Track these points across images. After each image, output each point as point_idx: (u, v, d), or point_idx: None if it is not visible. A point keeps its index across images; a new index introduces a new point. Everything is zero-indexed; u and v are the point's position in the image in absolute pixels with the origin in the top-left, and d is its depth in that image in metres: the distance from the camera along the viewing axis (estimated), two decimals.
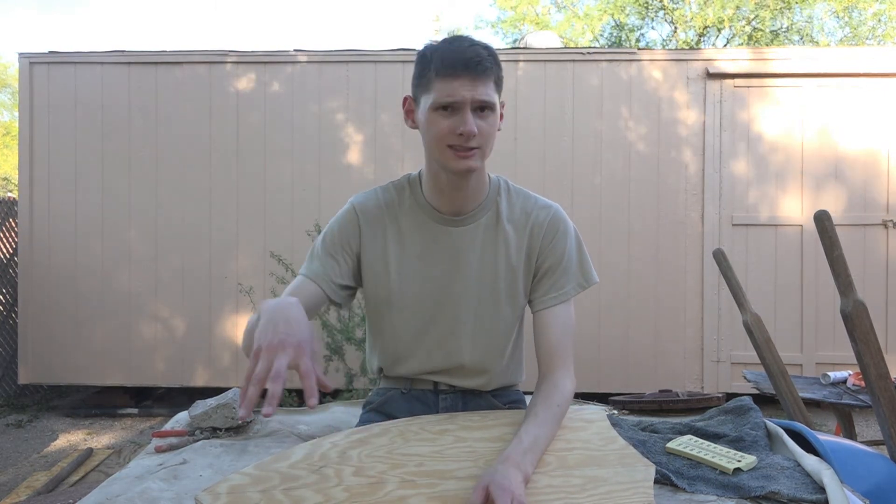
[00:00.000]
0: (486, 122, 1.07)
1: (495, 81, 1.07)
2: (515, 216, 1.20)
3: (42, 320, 4.15)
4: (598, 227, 4.06)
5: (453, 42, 1.08)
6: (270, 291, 3.81)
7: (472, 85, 1.04)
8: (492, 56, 1.06)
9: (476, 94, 1.04)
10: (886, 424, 1.52)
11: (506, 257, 1.19)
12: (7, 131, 16.29)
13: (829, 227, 1.53)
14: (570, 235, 1.21)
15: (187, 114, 4.15)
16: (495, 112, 1.08)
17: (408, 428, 1.06)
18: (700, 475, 1.07)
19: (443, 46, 1.07)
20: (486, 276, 1.19)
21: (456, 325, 1.20)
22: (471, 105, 1.05)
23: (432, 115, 1.07)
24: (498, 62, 1.08)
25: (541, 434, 1.02)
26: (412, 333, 1.21)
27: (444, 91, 1.04)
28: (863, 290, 3.89)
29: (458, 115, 1.05)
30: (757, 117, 4.06)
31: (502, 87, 1.11)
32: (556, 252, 1.19)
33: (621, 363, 4.06)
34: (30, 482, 3.01)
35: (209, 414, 1.41)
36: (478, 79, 1.04)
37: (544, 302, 1.18)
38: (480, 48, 1.06)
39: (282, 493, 0.91)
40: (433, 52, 1.07)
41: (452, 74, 1.04)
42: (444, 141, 1.07)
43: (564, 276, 1.19)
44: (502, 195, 1.22)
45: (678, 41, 12.07)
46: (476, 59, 1.04)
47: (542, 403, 1.07)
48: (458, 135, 1.05)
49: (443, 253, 1.19)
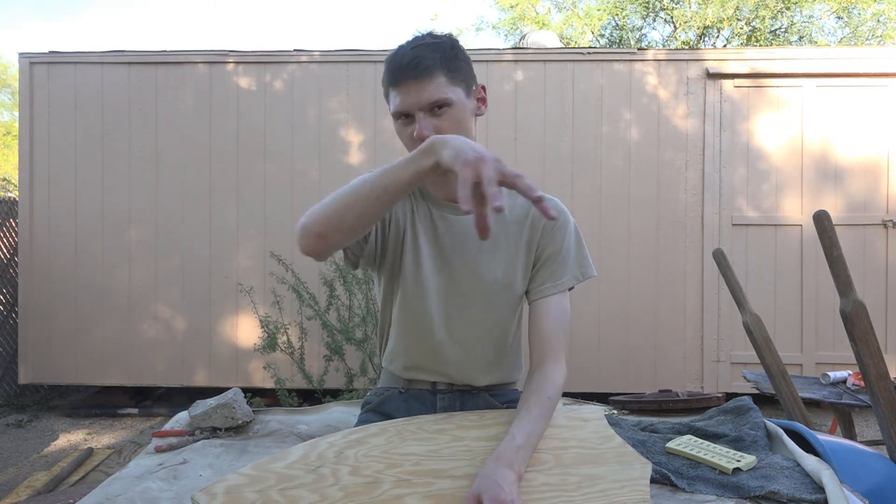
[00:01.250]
0: (444, 119, 1.07)
1: (446, 75, 1.06)
2: (516, 209, 1.20)
3: (42, 320, 4.15)
4: (598, 226, 4.06)
5: (399, 49, 1.08)
6: (270, 291, 3.81)
7: (417, 89, 1.04)
8: (437, 51, 1.05)
9: (421, 97, 1.04)
10: (886, 424, 1.52)
11: (506, 250, 1.19)
12: (7, 131, 16.29)
13: (829, 227, 1.53)
14: (569, 227, 1.21)
15: (187, 114, 4.15)
16: (453, 105, 1.07)
17: (405, 427, 1.07)
18: (700, 475, 1.07)
19: (391, 56, 1.08)
20: (485, 267, 1.19)
21: (458, 314, 1.20)
22: (421, 109, 1.05)
23: (396, 125, 1.11)
24: (450, 53, 1.07)
25: (534, 430, 1.02)
26: (420, 316, 1.20)
27: (396, 101, 1.07)
28: (863, 290, 3.90)
29: (415, 121, 1.06)
30: (757, 117, 4.06)
31: (464, 73, 1.10)
32: (554, 242, 1.19)
33: (621, 363, 4.06)
34: (30, 482, 3.01)
35: (209, 414, 1.41)
36: (422, 80, 1.04)
37: (541, 291, 1.18)
38: (422, 48, 1.05)
39: (278, 493, 0.91)
40: (385, 63, 1.09)
41: (396, 83, 1.06)
42: (412, 148, 1.08)
43: (562, 267, 1.19)
44: (503, 189, 1.22)
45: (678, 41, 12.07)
46: (413, 62, 1.04)
47: (534, 397, 1.06)
48: (417, 139, 1.05)
49: (446, 239, 1.19)
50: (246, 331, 4.08)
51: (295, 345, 3.54)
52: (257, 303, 3.94)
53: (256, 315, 3.69)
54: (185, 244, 4.14)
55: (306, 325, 3.72)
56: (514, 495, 0.88)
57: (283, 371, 3.67)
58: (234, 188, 4.14)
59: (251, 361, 4.07)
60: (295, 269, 3.65)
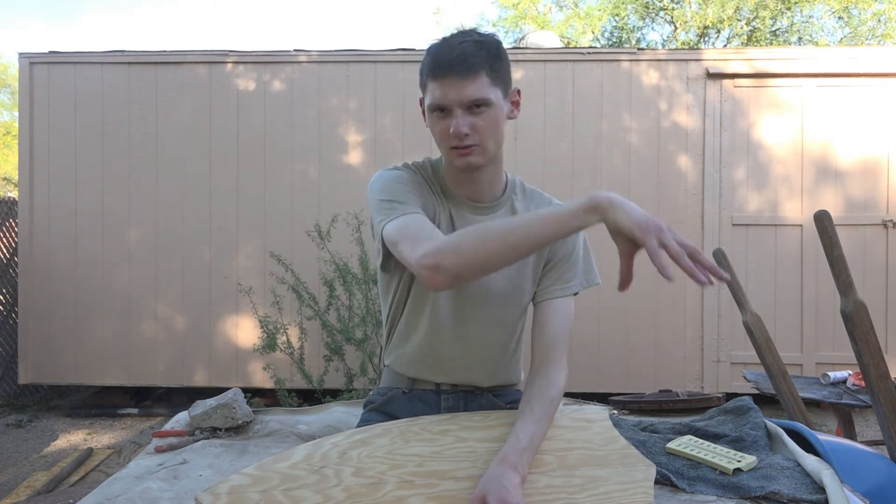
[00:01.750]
0: (481, 119, 1.06)
1: (489, 75, 1.06)
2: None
3: (42, 320, 4.15)
4: (598, 226, 4.05)
5: (444, 42, 1.08)
6: (270, 291, 3.81)
7: (459, 85, 1.04)
8: (484, 49, 1.05)
9: (464, 94, 1.04)
10: (886, 424, 1.52)
11: None
12: (7, 131, 16.28)
13: (829, 227, 1.53)
14: (579, 234, 1.21)
15: (187, 114, 4.15)
16: (492, 106, 1.07)
17: (409, 428, 1.06)
18: (700, 475, 1.07)
19: (435, 47, 1.08)
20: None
21: (467, 315, 1.20)
22: (461, 105, 1.05)
23: (430, 117, 1.10)
24: (494, 54, 1.07)
25: (537, 431, 1.02)
26: (438, 316, 1.20)
27: (435, 93, 1.06)
28: (863, 290, 3.89)
29: (451, 117, 1.06)
30: (757, 117, 4.06)
31: (504, 75, 1.10)
32: (565, 247, 1.20)
33: (621, 363, 4.06)
34: (30, 482, 3.01)
35: (209, 414, 1.41)
36: (466, 78, 1.04)
37: (549, 293, 1.18)
38: (470, 45, 1.05)
39: (281, 493, 0.91)
40: (428, 52, 1.08)
41: (440, 76, 1.05)
42: (444, 142, 1.09)
43: (571, 271, 1.19)
44: (518, 193, 1.23)
45: (678, 41, 12.07)
46: (461, 58, 1.03)
47: (537, 398, 1.06)
48: (453, 135, 1.06)
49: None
50: (246, 331, 4.08)
51: (295, 345, 3.54)
52: (257, 303, 3.94)
53: (256, 315, 3.69)
54: (185, 244, 4.14)
55: (306, 325, 3.72)
56: (518, 498, 0.88)
57: (282, 371, 3.67)
58: (234, 188, 4.14)
59: (251, 361, 4.07)
60: (295, 269, 3.65)
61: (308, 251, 3.81)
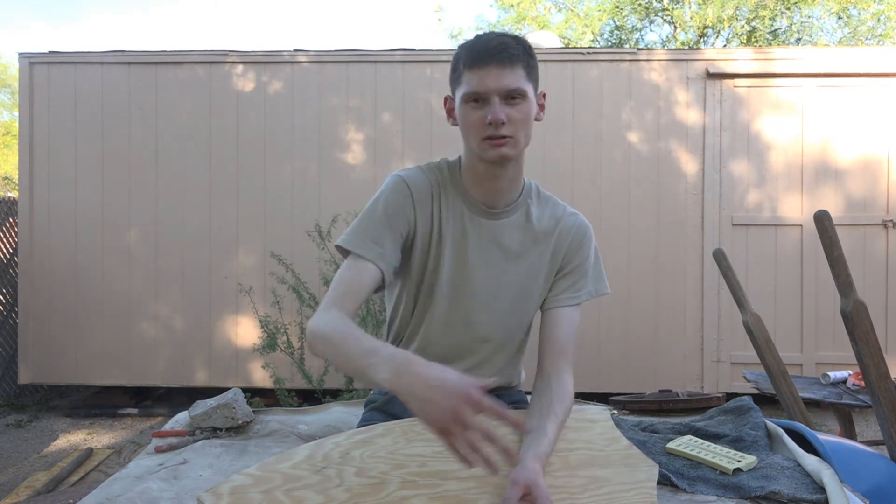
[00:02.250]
0: (517, 110, 1.07)
1: (525, 69, 1.07)
2: (545, 220, 1.21)
3: (42, 320, 4.15)
4: (599, 227, 4.06)
5: (482, 35, 1.09)
6: (270, 291, 3.81)
7: (498, 73, 1.04)
8: (520, 45, 1.07)
9: (503, 82, 1.05)
10: (886, 424, 1.52)
11: (528, 260, 1.19)
12: (7, 131, 16.28)
13: (829, 227, 1.53)
14: (592, 244, 1.23)
15: (187, 114, 4.15)
16: (527, 99, 1.08)
17: (411, 428, 1.06)
18: (700, 475, 1.07)
19: (472, 41, 1.09)
20: (511, 273, 1.19)
21: (474, 318, 1.20)
22: (499, 94, 1.05)
23: (464, 108, 1.09)
24: (528, 51, 1.09)
25: (557, 435, 1.05)
26: (444, 320, 1.20)
27: (472, 82, 1.06)
28: (863, 290, 3.89)
29: (488, 106, 1.06)
30: (757, 117, 4.06)
31: (537, 73, 1.12)
32: (579, 256, 1.21)
33: (621, 363, 4.06)
34: (30, 482, 3.01)
35: (209, 414, 1.41)
36: (504, 67, 1.05)
37: (559, 300, 1.19)
38: (508, 38, 1.07)
39: (283, 493, 0.91)
40: (463, 47, 1.09)
41: (479, 65, 1.05)
42: (477, 132, 1.08)
43: (582, 280, 1.20)
44: (533, 198, 1.23)
45: (678, 42, 12.06)
46: (501, 47, 1.05)
47: (558, 403, 1.08)
48: (488, 124, 1.05)
49: (472, 242, 1.18)
50: (246, 331, 4.08)
51: (295, 345, 3.54)
52: (257, 303, 3.94)
53: (256, 315, 3.68)
54: (185, 244, 4.14)
55: (306, 325, 3.71)
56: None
57: (282, 371, 3.67)
58: (234, 188, 4.14)
59: (251, 361, 4.07)
60: (295, 269, 3.65)
61: (308, 251, 3.81)
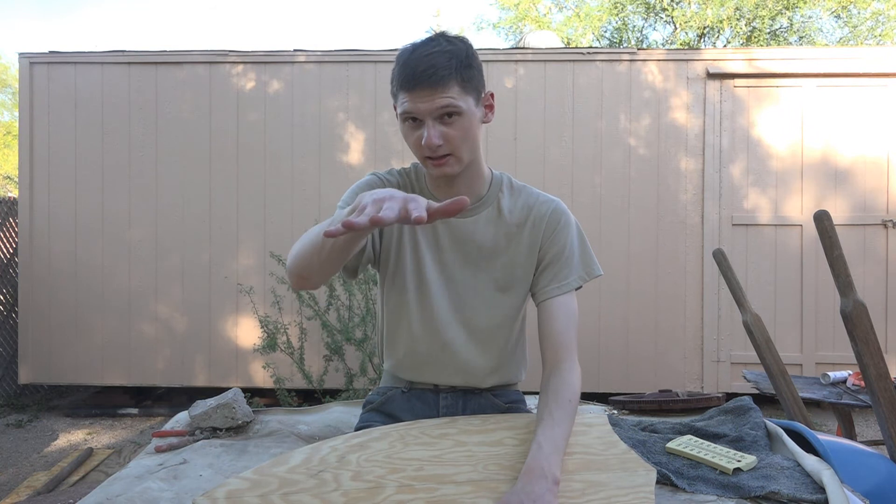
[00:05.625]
0: (453, 128, 1.06)
1: (459, 84, 1.05)
2: (517, 211, 1.20)
3: (42, 320, 4.15)
4: (599, 227, 4.06)
5: (414, 51, 1.06)
6: (270, 291, 3.81)
7: (430, 95, 1.03)
8: (454, 59, 1.04)
9: (434, 104, 1.04)
10: (886, 424, 1.52)
11: (506, 251, 1.20)
12: (7, 131, 16.29)
13: (829, 227, 1.53)
14: (571, 227, 1.21)
15: (187, 114, 4.15)
16: (463, 115, 1.06)
17: (408, 432, 1.06)
18: (700, 475, 1.07)
19: (404, 56, 1.07)
20: (485, 269, 1.20)
21: (459, 317, 1.20)
22: (432, 115, 1.04)
23: (403, 126, 1.10)
24: (464, 62, 1.06)
25: (558, 434, 1.02)
26: (423, 320, 1.21)
27: (405, 104, 1.06)
28: (863, 290, 3.90)
29: (423, 126, 1.06)
30: (757, 117, 4.06)
31: (476, 82, 1.09)
32: (557, 243, 1.19)
33: (621, 363, 4.06)
34: (30, 482, 3.01)
35: (209, 414, 1.41)
36: (436, 88, 1.03)
37: (547, 292, 1.18)
38: (438, 55, 1.04)
39: (280, 497, 0.91)
40: (397, 62, 1.07)
41: (409, 88, 1.04)
42: (419, 151, 1.09)
43: (567, 268, 1.19)
44: (504, 191, 1.22)
45: (678, 41, 12.07)
46: (430, 70, 1.02)
47: (553, 402, 1.06)
48: (426, 146, 1.06)
49: (447, 242, 1.19)
50: (246, 331, 4.08)
51: (295, 345, 3.53)
52: (257, 303, 3.94)
53: (256, 315, 3.68)
54: (185, 244, 4.14)
55: (306, 325, 3.72)
56: (553, 500, 0.91)
57: (282, 371, 3.67)
58: (234, 188, 4.14)
59: (251, 361, 4.07)
60: None
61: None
